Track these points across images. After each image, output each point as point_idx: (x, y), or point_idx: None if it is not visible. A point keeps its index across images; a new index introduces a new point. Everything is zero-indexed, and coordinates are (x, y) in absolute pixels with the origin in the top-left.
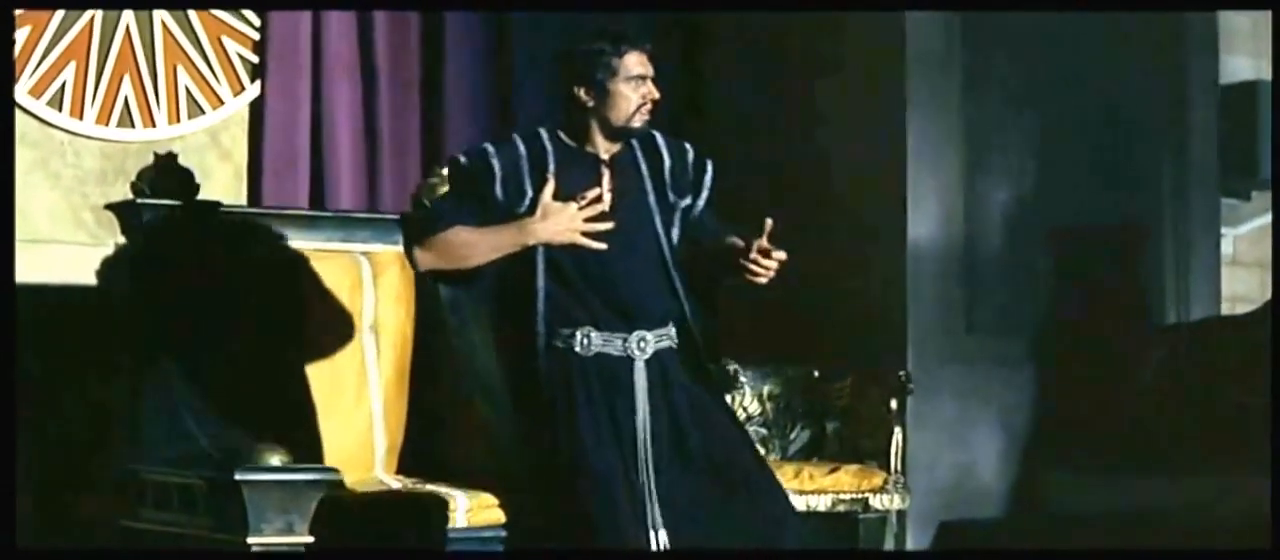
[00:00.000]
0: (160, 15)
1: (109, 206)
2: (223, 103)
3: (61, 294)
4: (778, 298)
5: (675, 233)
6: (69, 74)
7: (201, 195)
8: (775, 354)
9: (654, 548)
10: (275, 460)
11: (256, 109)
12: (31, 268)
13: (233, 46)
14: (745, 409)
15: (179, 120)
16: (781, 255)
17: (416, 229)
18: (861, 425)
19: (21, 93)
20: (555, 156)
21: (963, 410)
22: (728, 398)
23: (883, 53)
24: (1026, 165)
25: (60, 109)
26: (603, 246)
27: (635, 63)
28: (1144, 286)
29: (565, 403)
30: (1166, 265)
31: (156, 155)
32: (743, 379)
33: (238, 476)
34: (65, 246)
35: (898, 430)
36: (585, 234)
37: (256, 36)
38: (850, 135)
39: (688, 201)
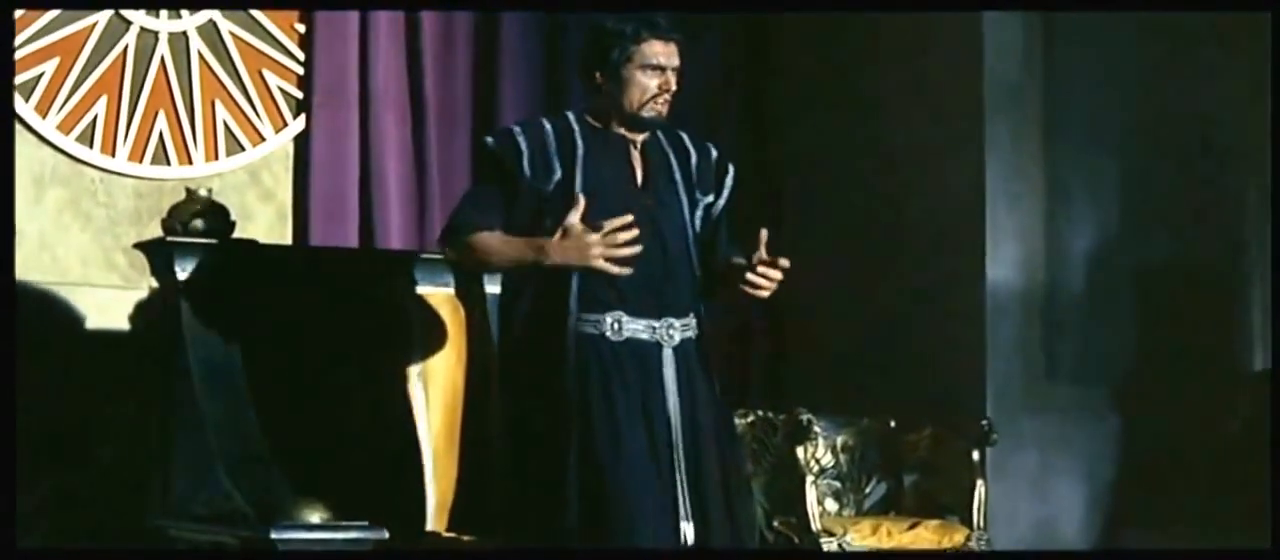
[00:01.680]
0: (197, 47)
1: (139, 246)
2: (264, 139)
3: (93, 340)
4: (852, 346)
5: (698, 226)
6: (100, 108)
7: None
8: (850, 404)
9: (683, 538)
10: (315, 517)
11: (301, 146)
12: (62, 312)
13: (274, 80)
14: (818, 461)
15: (217, 158)
16: (784, 263)
17: (445, 229)
18: (941, 478)
19: (50, 128)
20: (583, 137)
21: (1043, 462)
22: (800, 450)
23: (960, 90)
24: (1109, 205)
25: (91, 146)
26: (626, 271)
27: (655, 51)
28: (1232, 332)
29: (600, 388)
30: (1255, 309)
31: (189, 191)
32: (816, 429)
33: (274, 535)
34: (97, 290)
35: (980, 483)
36: (609, 259)
37: (299, 70)
38: (927, 176)
39: (711, 199)
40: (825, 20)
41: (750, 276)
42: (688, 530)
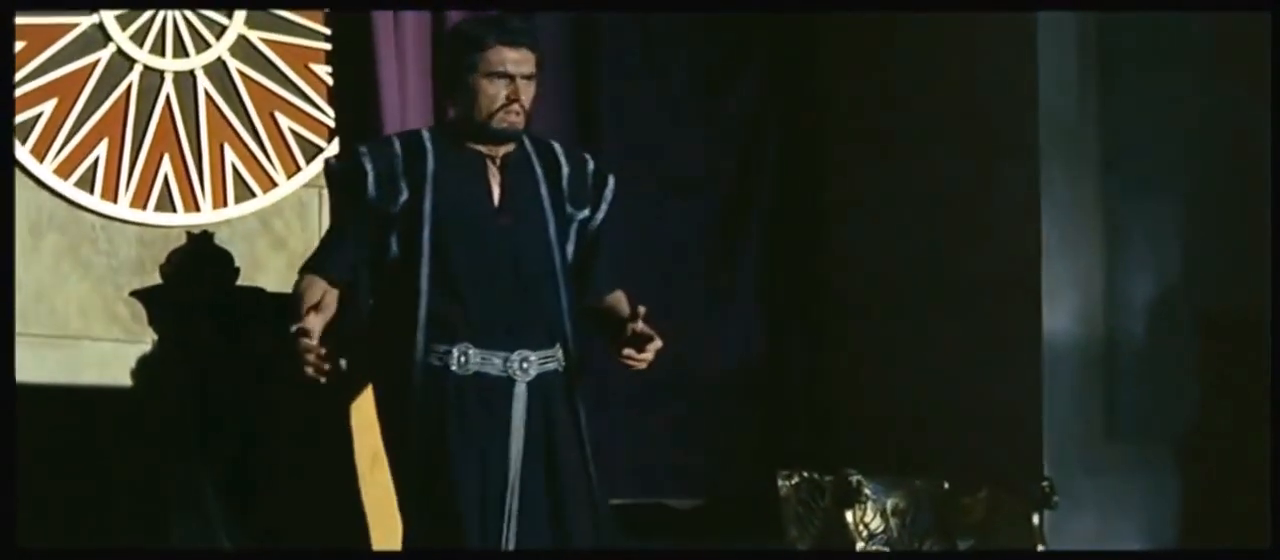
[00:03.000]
0: (204, 86)
1: (136, 294)
2: (276, 185)
3: (92, 397)
4: (901, 403)
5: (570, 247)
6: (101, 152)
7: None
8: (900, 464)
9: None
10: None
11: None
12: (59, 367)
13: (286, 122)
14: (867, 526)
15: (226, 204)
16: (656, 344)
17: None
18: (999, 542)
19: (47, 172)
20: (435, 155)
21: (1103, 525)
22: (849, 513)
23: (1014, 131)
24: (1170, 251)
25: (91, 191)
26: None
27: (501, 58)
28: None
29: (435, 427)
30: None
31: (190, 235)
32: (866, 491)
33: None
34: (97, 343)
35: (1041, 548)
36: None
37: (313, 112)
38: (978, 222)
39: (586, 214)
40: (871, 61)
41: (624, 350)
42: None
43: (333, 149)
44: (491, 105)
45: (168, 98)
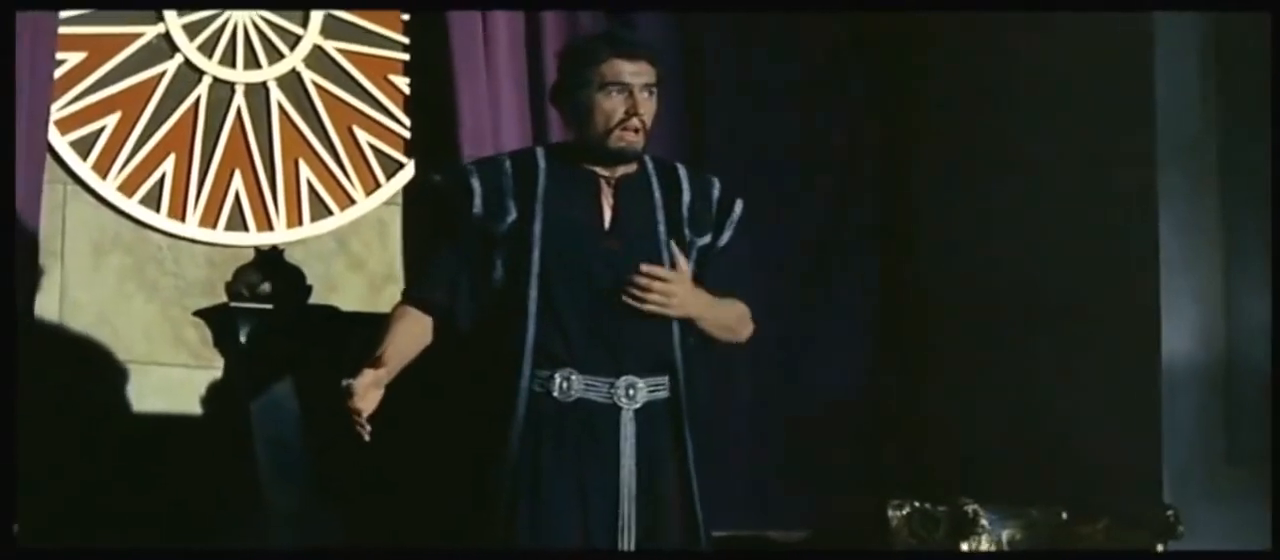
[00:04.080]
0: (277, 99)
1: (201, 313)
2: (353, 202)
3: (161, 426)
4: (1015, 429)
5: (691, 272)
6: (168, 167)
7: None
8: (1016, 493)
9: None
10: None
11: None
12: (122, 393)
13: (365, 137)
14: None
15: (301, 223)
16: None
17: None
18: None
19: (111, 189)
20: (547, 174)
21: (1222, 552)
22: (965, 545)
23: (1129, 142)
24: None
25: (157, 209)
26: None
27: (617, 70)
28: None
29: (535, 454)
30: None
31: (258, 251)
32: (983, 522)
33: None
34: (164, 368)
35: None
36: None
37: (394, 126)
38: (1091, 238)
39: (707, 240)
40: (973, 70)
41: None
42: None
43: (411, 168)
44: (609, 121)
45: (238, 111)
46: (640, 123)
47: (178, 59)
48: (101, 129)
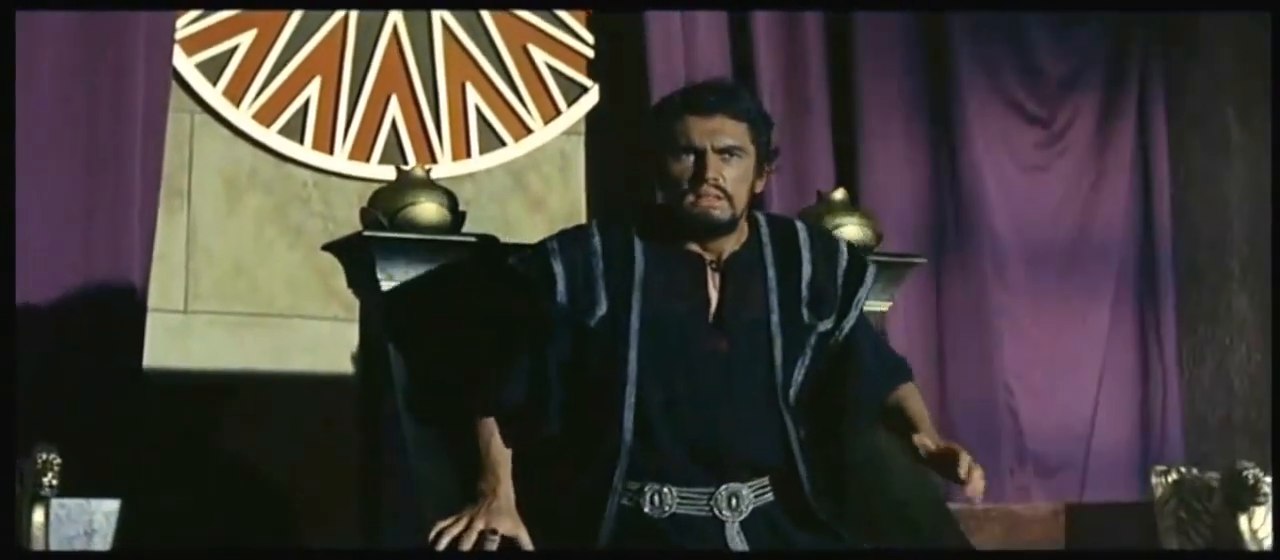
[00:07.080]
0: (440, 16)
1: (328, 247)
2: (530, 133)
3: (303, 386)
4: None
5: (802, 367)
6: (312, 93)
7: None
8: None
9: None
10: None
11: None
12: (262, 351)
13: (542, 58)
14: (1257, 537)
15: (469, 156)
16: (968, 462)
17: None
18: None
19: (245, 118)
20: (644, 252)
21: None
22: (1243, 519)
23: None
24: None
25: (301, 140)
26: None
27: (686, 129)
28: None
29: None
30: None
31: (401, 170)
32: (1265, 491)
33: None
34: (311, 321)
35: None
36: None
37: (577, 45)
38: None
39: (828, 326)
40: None
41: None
42: None
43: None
44: (677, 188)
45: (394, 29)
46: (720, 189)
47: None
48: (233, 48)
